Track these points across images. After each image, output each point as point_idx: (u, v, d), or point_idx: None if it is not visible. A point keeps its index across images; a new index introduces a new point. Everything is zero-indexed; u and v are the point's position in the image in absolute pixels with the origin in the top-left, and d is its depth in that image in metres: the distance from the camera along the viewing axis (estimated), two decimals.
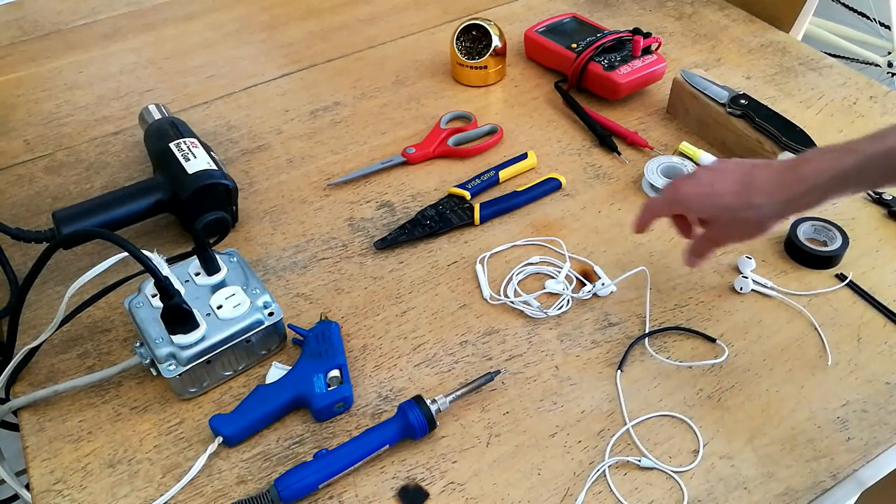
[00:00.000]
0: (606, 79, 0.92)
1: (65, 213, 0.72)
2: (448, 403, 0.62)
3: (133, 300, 0.65)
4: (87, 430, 0.64)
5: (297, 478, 0.57)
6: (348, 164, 0.89)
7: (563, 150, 0.90)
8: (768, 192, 0.59)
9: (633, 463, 0.60)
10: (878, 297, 0.71)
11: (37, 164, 0.91)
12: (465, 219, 0.80)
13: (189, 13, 1.18)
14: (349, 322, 0.71)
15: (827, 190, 0.58)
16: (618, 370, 0.66)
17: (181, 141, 0.78)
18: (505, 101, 0.98)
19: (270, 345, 0.68)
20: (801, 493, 0.58)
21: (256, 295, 0.66)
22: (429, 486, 0.59)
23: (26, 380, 0.67)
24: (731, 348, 0.67)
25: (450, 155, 0.89)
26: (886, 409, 0.63)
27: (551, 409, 0.64)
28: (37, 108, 1.00)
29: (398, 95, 0.99)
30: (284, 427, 0.63)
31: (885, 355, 0.67)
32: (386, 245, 0.78)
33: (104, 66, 1.07)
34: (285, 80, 1.03)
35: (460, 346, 0.69)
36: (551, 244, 0.78)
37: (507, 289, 0.73)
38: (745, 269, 0.73)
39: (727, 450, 0.61)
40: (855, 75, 0.99)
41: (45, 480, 0.60)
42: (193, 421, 0.64)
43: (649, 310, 0.71)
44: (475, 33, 0.99)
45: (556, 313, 0.71)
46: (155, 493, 0.59)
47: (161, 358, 0.62)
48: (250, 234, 0.80)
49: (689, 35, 1.08)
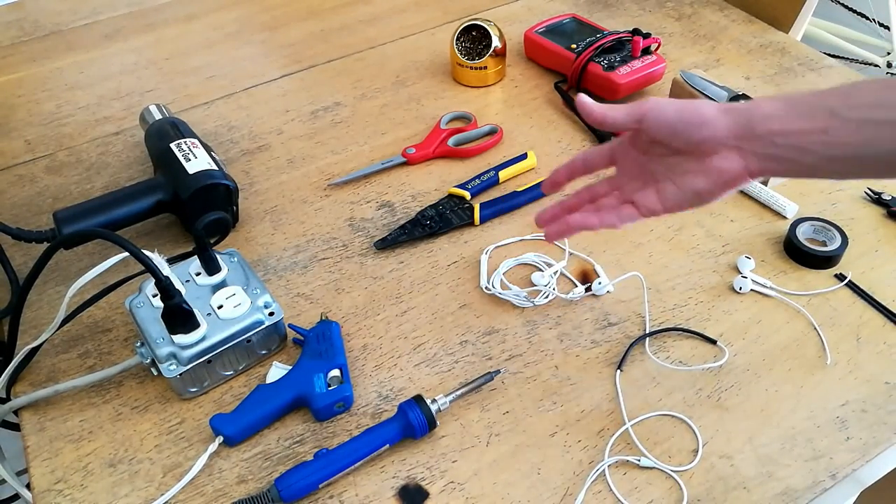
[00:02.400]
0: (606, 79, 0.92)
1: (65, 214, 0.72)
2: (448, 403, 0.62)
3: (134, 300, 0.65)
4: (88, 429, 0.64)
5: (298, 477, 0.57)
6: (348, 165, 0.89)
7: (563, 150, 0.90)
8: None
9: (632, 462, 0.60)
10: (877, 296, 0.71)
11: (37, 165, 0.91)
12: (465, 219, 0.80)
13: (190, 14, 1.18)
14: (349, 322, 0.71)
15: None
16: (617, 370, 0.66)
17: (182, 141, 0.78)
18: (505, 101, 0.98)
19: (271, 344, 0.68)
20: (800, 493, 0.58)
21: (257, 295, 0.66)
22: (429, 486, 0.59)
23: (27, 379, 0.67)
24: (730, 348, 0.68)
25: (450, 155, 0.90)
26: (886, 408, 0.63)
27: (551, 409, 0.64)
28: (38, 108, 1.00)
29: (398, 96, 0.99)
30: (285, 427, 0.63)
31: (884, 355, 0.67)
32: (386, 245, 0.78)
33: (105, 66, 1.07)
34: (286, 80, 1.03)
35: (460, 346, 0.69)
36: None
37: (494, 280, 0.73)
38: (744, 269, 0.73)
39: (726, 449, 0.61)
40: (854, 76, 0.99)
41: (45, 480, 0.60)
42: (194, 420, 0.64)
43: (648, 309, 0.71)
44: (475, 34, 0.99)
45: (542, 302, 0.71)
46: (155, 492, 0.59)
47: (162, 358, 0.62)
48: (251, 234, 0.81)
49: (689, 35, 1.08)
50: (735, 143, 0.53)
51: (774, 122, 0.51)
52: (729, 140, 0.53)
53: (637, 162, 0.59)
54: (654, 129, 0.56)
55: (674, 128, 0.54)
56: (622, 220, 0.59)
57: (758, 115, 0.52)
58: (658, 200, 0.58)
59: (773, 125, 0.51)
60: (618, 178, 0.61)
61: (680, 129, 0.54)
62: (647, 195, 0.58)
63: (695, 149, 0.54)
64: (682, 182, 0.56)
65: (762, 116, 0.52)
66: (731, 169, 0.53)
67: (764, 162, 0.53)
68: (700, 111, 0.54)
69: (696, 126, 0.53)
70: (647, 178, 0.59)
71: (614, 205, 0.60)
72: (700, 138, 0.54)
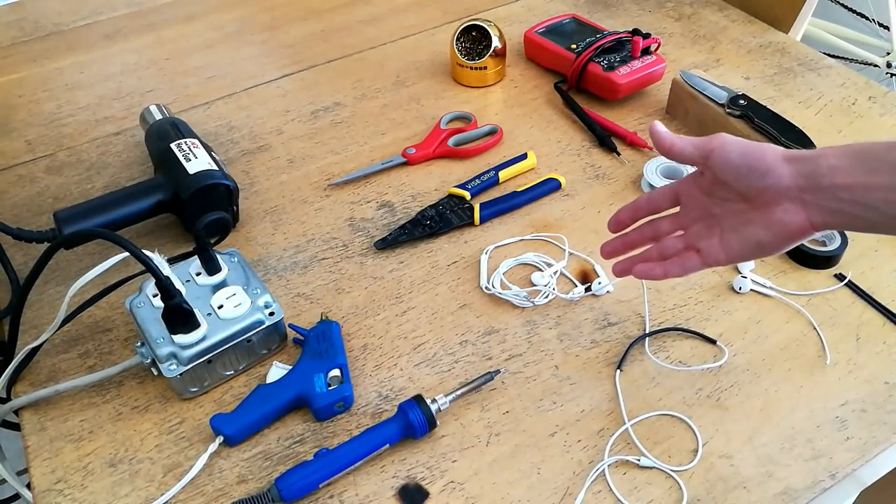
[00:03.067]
0: (606, 79, 0.92)
1: (66, 214, 0.72)
2: (448, 403, 0.62)
3: (134, 300, 0.65)
4: (89, 429, 0.64)
5: (298, 477, 0.57)
6: (349, 165, 0.89)
7: (563, 150, 0.90)
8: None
9: (632, 462, 0.60)
10: (876, 296, 0.71)
11: (38, 165, 0.91)
12: (465, 219, 0.80)
13: (190, 14, 1.18)
14: (349, 322, 0.71)
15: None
16: (617, 370, 0.66)
17: (182, 141, 0.78)
18: (505, 101, 0.98)
19: (271, 344, 0.68)
20: (800, 493, 0.58)
21: (257, 295, 0.66)
22: (429, 486, 0.59)
23: (27, 379, 0.67)
24: (730, 348, 0.68)
25: (450, 155, 0.90)
26: (885, 408, 0.63)
27: (551, 409, 0.64)
28: (38, 108, 1.00)
29: (398, 96, 0.99)
30: (285, 426, 0.63)
31: (883, 355, 0.67)
32: (386, 245, 0.78)
33: (105, 66, 1.07)
34: (286, 80, 1.03)
35: (460, 346, 0.69)
36: (555, 240, 0.78)
37: (494, 280, 0.73)
38: (743, 269, 0.73)
39: (726, 449, 0.61)
40: (854, 76, 0.99)
41: (46, 480, 0.61)
42: (194, 420, 0.64)
43: (648, 309, 0.71)
44: (475, 34, 0.99)
45: (542, 302, 0.71)
46: (156, 492, 0.59)
47: (162, 357, 0.62)
48: (251, 234, 0.81)
49: (689, 36, 1.08)
50: (798, 195, 0.51)
51: (839, 174, 0.49)
52: (791, 192, 0.51)
53: (701, 204, 0.58)
54: (719, 168, 0.54)
55: (738, 171, 0.53)
56: (686, 270, 0.58)
57: (823, 167, 0.50)
58: (722, 250, 0.56)
59: (838, 178, 0.49)
60: (681, 218, 0.60)
61: (743, 172, 0.53)
62: (711, 244, 0.57)
63: (756, 196, 0.53)
64: (745, 232, 0.55)
65: (827, 168, 0.50)
66: (794, 222, 0.52)
67: (827, 216, 0.51)
68: (764, 159, 0.52)
69: (759, 174, 0.52)
70: (710, 221, 0.57)
71: (678, 250, 0.59)
72: (763, 186, 0.52)
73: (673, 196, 0.60)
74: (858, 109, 0.93)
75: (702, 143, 0.55)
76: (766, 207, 0.53)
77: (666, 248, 0.60)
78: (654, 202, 0.61)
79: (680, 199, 0.60)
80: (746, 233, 0.55)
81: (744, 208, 0.55)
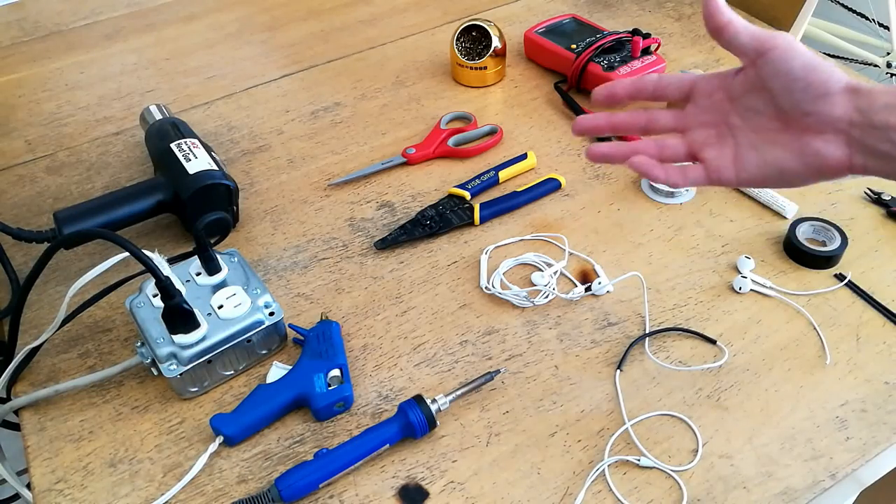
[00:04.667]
0: (606, 79, 0.91)
1: (66, 214, 0.72)
2: (448, 403, 0.62)
3: (134, 300, 0.65)
4: (88, 429, 0.64)
5: (298, 477, 0.57)
6: (349, 165, 0.89)
7: (563, 150, 0.90)
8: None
9: (632, 462, 0.60)
10: (876, 296, 0.71)
11: (38, 165, 0.91)
12: (465, 219, 0.80)
13: (190, 14, 1.18)
14: (349, 322, 0.71)
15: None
16: (617, 370, 0.66)
17: (182, 141, 0.78)
18: (505, 101, 0.98)
19: (271, 344, 0.68)
20: (799, 493, 0.58)
21: (257, 295, 0.66)
22: (429, 486, 0.59)
23: (27, 379, 0.67)
24: (730, 348, 0.68)
25: (450, 155, 0.90)
26: (885, 408, 0.63)
27: (551, 409, 0.64)
28: (38, 108, 1.00)
29: (398, 96, 0.99)
30: (285, 426, 0.63)
31: (883, 355, 0.67)
32: (386, 245, 0.78)
33: (105, 66, 1.07)
34: (286, 80, 1.03)
35: (460, 346, 0.69)
36: (555, 240, 0.78)
37: (494, 280, 0.73)
38: (743, 269, 0.73)
39: (726, 449, 0.61)
40: (854, 76, 0.99)
41: (46, 480, 0.61)
42: (194, 420, 0.64)
43: (648, 309, 0.71)
44: (475, 34, 0.99)
45: (542, 302, 0.71)
46: (156, 492, 0.59)
47: (162, 357, 0.62)
48: (251, 234, 0.81)
49: (689, 36, 1.08)
50: (846, 129, 0.46)
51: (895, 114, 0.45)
52: (841, 123, 0.46)
53: (720, 108, 0.50)
54: (772, 72, 0.47)
55: (793, 83, 0.47)
56: (688, 181, 0.51)
57: (879, 104, 0.45)
58: (733, 167, 0.49)
59: (894, 118, 0.45)
60: (687, 117, 0.52)
61: (800, 86, 0.47)
62: (722, 157, 0.49)
63: (799, 118, 0.47)
64: (769, 153, 0.48)
65: (884, 106, 0.45)
66: (833, 157, 0.46)
67: (870, 159, 0.46)
68: (828, 80, 0.46)
69: (816, 95, 0.46)
70: (723, 130, 0.50)
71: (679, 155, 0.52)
72: (812, 109, 0.46)
73: (687, 88, 0.52)
74: None
75: (763, 36, 0.48)
76: (804, 133, 0.47)
77: (666, 147, 0.52)
78: (661, 88, 0.53)
79: (693, 96, 0.52)
80: (770, 155, 0.48)
81: (776, 126, 0.48)
